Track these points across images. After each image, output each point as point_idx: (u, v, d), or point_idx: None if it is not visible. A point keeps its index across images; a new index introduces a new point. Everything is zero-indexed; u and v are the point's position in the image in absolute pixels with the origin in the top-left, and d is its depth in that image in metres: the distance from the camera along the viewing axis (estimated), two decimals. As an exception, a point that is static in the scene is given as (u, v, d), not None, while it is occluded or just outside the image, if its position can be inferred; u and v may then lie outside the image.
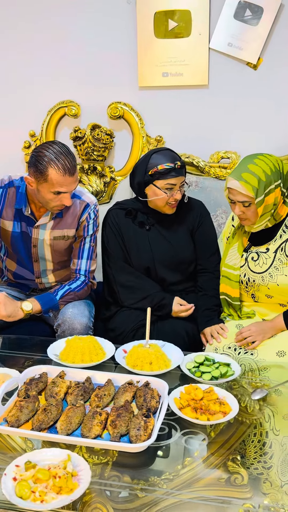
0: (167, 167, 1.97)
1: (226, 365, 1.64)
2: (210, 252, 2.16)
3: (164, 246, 2.12)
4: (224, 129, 2.61)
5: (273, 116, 2.56)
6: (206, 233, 2.18)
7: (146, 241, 2.12)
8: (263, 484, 1.20)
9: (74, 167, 1.83)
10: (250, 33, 2.47)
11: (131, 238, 2.12)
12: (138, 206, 2.13)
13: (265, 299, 1.96)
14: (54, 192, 1.84)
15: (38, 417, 1.33)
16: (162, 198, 2.01)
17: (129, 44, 2.58)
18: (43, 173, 1.80)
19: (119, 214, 2.14)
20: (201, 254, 2.17)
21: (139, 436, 1.26)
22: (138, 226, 2.12)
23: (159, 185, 2.00)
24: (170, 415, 1.41)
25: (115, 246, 2.12)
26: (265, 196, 1.79)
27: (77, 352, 1.64)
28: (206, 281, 2.14)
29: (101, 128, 2.62)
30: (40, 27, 2.63)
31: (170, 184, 1.99)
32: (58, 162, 1.79)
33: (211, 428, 1.39)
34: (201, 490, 1.19)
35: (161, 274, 2.12)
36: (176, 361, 1.66)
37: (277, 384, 1.61)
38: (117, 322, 2.06)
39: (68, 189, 1.84)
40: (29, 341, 1.94)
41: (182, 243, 2.14)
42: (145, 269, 2.12)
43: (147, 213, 2.13)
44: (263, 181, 1.77)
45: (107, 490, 1.18)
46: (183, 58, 2.56)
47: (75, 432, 1.31)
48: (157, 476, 1.22)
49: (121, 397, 1.43)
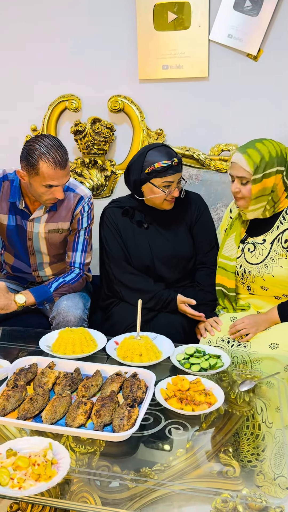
0: (165, 164, 1.92)
1: (216, 356, 1.64)
2: (208, 247, 2.14)
3: (163, 244, 2.09)
4: (225, 122, 2.59)
5: (274, 107, 2.53)
6: (204, 227, 2.15)
7: (145, 239, 2.09)
8: (256, 477, 1.20)
9: (65, 160, 1.83)
10: (250, 24, 2.45)
11: (129, 237, 2.09)
12: (134, 204, 2.10)
13: (260, 291, 1.95)
14: (45, 186, 1.84)
15: (24, 406, 1.34)
16: (160, 196, 1.97)
17: (129, 37, 2.58)
18: (34, 166, 1.81)
19: (116, 212, 2.10)
20: (200, 248, 2.14)
21: (122, 426, 1.26)
22: (136, 225, 2.09)
23: (156, 183, 1.96)
24: (156, 405, 1.41)
25: (114, 246, 2.08)
26: (263, 177, 1.79)
27: (68, 343, 1.65)
28: (203, 276, 2.13)
29: (101, 122, 2.62)
30: (40, 22, 2.64)
31: (168, 182, 1.95)
32: (49, 155, 1.79)
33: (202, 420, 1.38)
34: (192, 481, 1.19)
35: (161, 272, 2.10)
36: (167, 353, 1.66)
37: (267, 376, 1.60)
38: (115, 318, 2.05)
39: (59, 183, 1.85)
40: (23, 333, 1.96)
41: (181, 240, 2.12)
42: (145, 268, 2.09)
43: (144, 211, 2.10)
44: (266, 160, 1.78)
45: (96, 480, 1.19)
46: (183, 50, 2.54)
47: (60, 422, 1.32)
48: (148, 466, 1.22)
49: (107, 388, 1.43)
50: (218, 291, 2.04)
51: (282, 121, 2.52)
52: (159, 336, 1.77)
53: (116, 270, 2.07)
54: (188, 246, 2.12)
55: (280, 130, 2.49)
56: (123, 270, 2.07)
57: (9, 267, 2.22)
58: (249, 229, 1.98)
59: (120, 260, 2.07)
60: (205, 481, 1.19)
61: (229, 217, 2.11)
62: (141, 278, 2.06)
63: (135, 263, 2.09)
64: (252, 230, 1.97)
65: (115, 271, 2.07)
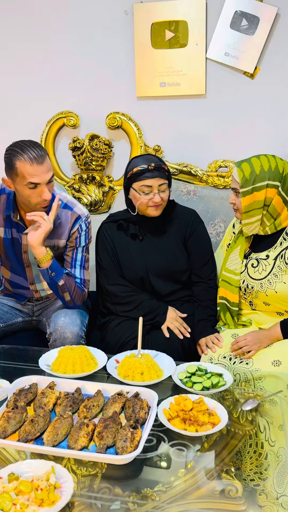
0: (141, 168, 1.98)
1: (218, 375, 1.62)
2: (203, 261, 2.15)
3: (157, 256, 2.11)
4: (222, 138, 2.61)
5: (271, 124, 2.55)
6: (199, 241, 2.17)
7: (139, 251, 2.11)
8: (259, 497, 1.18)
9: (41, 156, 1.82)
10: (246, 43, 2.48)
11: (124, 250, 2.12)
12: (129, 216, 2.13)
13: (262, 307, 1.95)
14: (28, 186, 1.83)
15: (24, 428, 1.32)
16: (141, 201, 2.01)
17: (127, 54, 2.60)
18: (13, 167, 1.81)
19: (112, 227, 2.15)
20: (195, 263, 2.15)
21: (125, 448, 1.24)
22: (130, 238, 2.12)
23: (136, 187, 2.01)
24: (159, 426, 1.39)
25: (107, 260, 2.12)
26: (253, 190, 1.82)
27: (69, 362, 1.63)
28: (201, 291, 2.13)
29: (99, 138, 2.63)
30: (39, 40, 2.66)
31: (146, 186, 1.99)
32: (23, 153, 1.79)
33: (204, 440, 1.36)
34: (194, 502, 1.17)
35: (155, 284, 2.11)
36: (168, 371, 1.64)
37: (270, 394, 1.59)
38: (110, 334, 2.05)
39: (41, 180, 1.83)
40: (22, 351, 1.93)
41: (175, 253, 2.13)
42: (139, 280, 2.11)
43: (138, 223, 2.13)
44: (256, 174, 1.82)
45: (97, 502, 1.16)
46: (180, 68, 2.57)
47: (62, 444, 1.30)
48: (150, 487, 1.20)
49: (109, 408, 1.41)
50: (221, 304, 2.03)
51: (279, 137, 2.54)
52: (160, 353, 1.75)
53: (106, 281, 2.12)
54: (182, 259, 2.14)
55: (277, 146, 2.51)
56: (114, 281, 2.10)
57: (7, 282, 2.20)
58: (253, 245, 1.99)
59: (112, 273, 2.11)
60: (207, 501, 1.17)
61: (232, 232, 2.11)
62: (130, 288, 2.09)
63: (129, 275, 2.11)
64: (255, 245, 1.97)
65: (105, 282, 2.12)
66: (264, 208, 1.85)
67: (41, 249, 1.90)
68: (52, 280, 1.95)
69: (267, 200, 1.84)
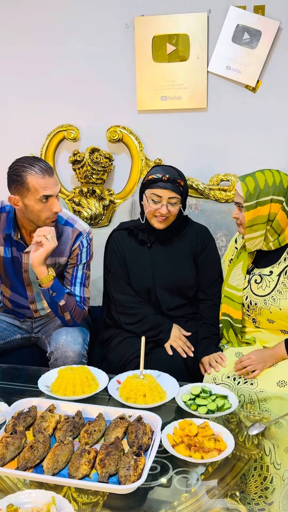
0: (155, 177, 1.98)
1: (223, 397, 1.58)
2: (212, 279, 2.11)
3: (165, 267, 2.09)
4: (224, 152, 2.59)
5: (273, 138, 2.53)
6: (209, 259, 2.14)
7: (148, 260, 2.09)
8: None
9: (50, 168, 1.84)
10: (248, 56, 2.46)
11: (133, 257, 2.10)
12: (140, 224, 2.11)
13: (266, 324, 1.91)
14: (41, 200, 1.82)
15: (24, 455, 1.27)
16: (148, 210, 2.01)
17: (128, 68, 2.58)
18: (24, 183, 1.80)
19: (123, 234, 2.14)
20: (203, 280, 2.12)
21: (129, 477, 1.19)
22: (139, 244, 2.10)
23: (147, 194, 2.02)
24: (163, 452, 1.34)
25: (116, 265, 2.10)
26: (257, 204, 1.80)
27: (69, 383, 1.58)
28: (206, 309, 2.09)
29: (100, 152, 2.61)
30: (39, 52, 2.65)
31: (155, 195, 1.97)
32: (33, 167, 1.80)
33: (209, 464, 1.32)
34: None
35: (160, 297, 2.08)
36: (171, 392, 1.59)
37: (276, 418, 1.54)
38: (112, 353, 2.01)
39: (52, 191, 1.83)
40: (21, 371, 1.89)
41: (184, 267, 2.10)
42: (145, 291, 2.08)
43: (147, 231, 2.10)
44: (260, 188, 1.80)
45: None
46: (182, 81, 2.55)
47: (63, 471, 1.25)
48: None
49: (111, 433, 1.37)
50: (224, 321, 1.99)
51: (282, 151, 2.52)
52: (163, 374, 1.71)
53: (114, 289, 2.09)
54: (191, 275, 2.11)
55: (280, 160, 2.49)
56: (122, 290, 2.08)
57: (7, 300, 2.16)
58: (256, 260, 1.95)
59: (120, 280, 2.09)
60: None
61: (234, 247, 2.08)
62: (137, 300, 2.07)
63: (136, 285, 2.08)
64: (258, 261, 1.94)
65: (113, 289, 2.09)
66: (268, 223, 1.83)
67: (42, 268, 1.87)
68: (53, 300, 1.92)
69: (271, 215, 1.81)
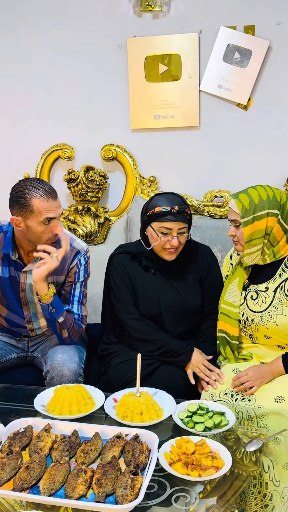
0: (163, 209, 1.89)
1: (220, 414, 1.57)
2: (215, 302, 2.05)
3: (171, 293, 2.03)
4: (217, 168, 2.62)
5: (265, 154, 2.57)
6: (214, 281, 2.09)
7: (153, 287, 2.02)
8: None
9: (54, 191, 1.85)
10: (239, 75, 2.51)
11: (138, 283, 2.03)
12: (142, 250, 2.04)
13: (263, 340, 1.90)
14: (43, 221, 1.82)
15: (20, 476, 1.26)
16: (158, 243, 1.93)
17: (121, 87, 2.62)
18: (28, 205, 1.80)
19: (125, 258, 2.05)
20: (207, 302, 2.08)
21: (126, 496, 1.18)
22: (143, 269, 2.03)
23: (155, 227, 1.92)
24: (161, 470, 1.33)
25: (124, 290, 2.01)
26: (254, 219, 1.80)
27: (65, 402, 1.57)
28: (208, 328, 2.07)
29: (94, 170, 2.63)
30: (33, 71, 2.69)
31: (165, 228, 1.90)
32: (38, 190, 1.81)
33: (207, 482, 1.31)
34: None
35: (167, 323, 2.02)
36: (168, 410, 1.58)
37: (274, 434, 1.53)
38: (113, 372, 1.97)
39: (55, 214, 1.84)
40: (17, 391, 1.87)
41: (191, 291, 2.05)
42: (151, 317, 2.01)
43: (151, 258, 2.04)
44: (255, 203, 1.80)
45: None
46: (174, 100, 2.59)
47: (59, 492, 1.24)
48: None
49: (108, 453, 1.35)
50: (221, 337, 1.98)
51: (273, 167, 2.55)
52: (159, 391, 1.70)
53: (127, 316, 2.00)
54: (198, 298, 2.06)
55: (272, 176, 2.52)
56: (132, 315, 2.00)
57: (3, 319, 2.15)
58: (251, 276, 1.95)
59: (129, 305, 2.01)
60: None
61: (230, 264, 2.08)
62: (149, 324, 2.00)
63: (142, 311, 2.02)
64: (254, 277, 1.94)
65: (124, 315, 2.00)
66: (265, 237, 1.84)
67: (43, 285, 1.87)
68: (52, 316, 1.91)
69: (268, 228, 1.82)
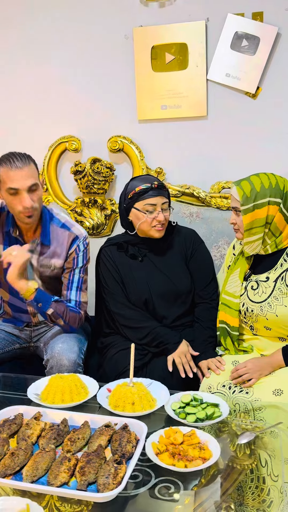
0: (144, 187, 1.97)
1: (214, 405, 1.53)
2: (205, 282, 2.09)
3: (160, 278, 2.06)
4: (224, 159, 2.57)
5: (274, 144, 2.50)
6: (200, 261, 2.12)
7: (142, 273, 2.07)
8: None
9: (22, 162, 1.83)
10: (247, 63, 2.45)
11: (127, 272, 2.08)
12: (128, 238, 2.10)
13: (264, 332, 1.86)
14: (9, 192, 1.83)
15: (4, 462, 1.25)
16: (145, 221, 1.98)
17: (127, 78, 2.60)
18: None
19: (112, 249, 2.12)
20: (197, 282, 2.10)
21: (107, 485, 1.16)
22: (130, 258, 2.08)
23: (139, 207, 1.98)
24: (147, 461, 1.30)
25: (111, 281, 2.07)
26: (255, 207, 1.77)
27: (57, 391, 1.56)
28: (202, 311, 2.07)
29: (101, 162, 2.62)
30: (39, 64, 2.68)
31: (150, 205, 1.97)
32: (6, 160, 1.83)
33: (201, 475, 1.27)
34: None
35: (159, 306, 2.05)
36: (161, 401, 1.56)
37: (268, 427, 1.49)
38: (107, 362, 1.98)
39: (19, 185, 1.82)
40: (13, 379, 1.88)
41: (178, 273, 2.08)
42: (143, 303, 2.05)
43: (137, 244, 2.09)
44: (257, 191, 1.76)
45: None
46: (181, 90, 2.55)
47: (42, 479, 1.23)
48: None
49: (95, 441, 1.34)
50: (221, 328, 1.95)
51: (282, 157, 2.48)
52: (155, 382, 1.67)
53: (114, 305, 2.06)
54: (186, 280, 2.09)
55: (280, 166, 2.45)
56: (121, 305, 2.05)
57: (6, 305, 2.17)
58: (253, 266, 1.92)
59: (118, 295, 2.06)
60: None
61: (232, 254, 2.05)
62: (138, 312, 2.03)
63: (133, 298, 2.06)
64: (255, 267, 1.90)
65: (113, 306, 2.06)
66: (266, 226, 1.79)
67: (20, 283, 1.87)
68: (41, 310, 1.92)
69: (269, 217, 1.78)
